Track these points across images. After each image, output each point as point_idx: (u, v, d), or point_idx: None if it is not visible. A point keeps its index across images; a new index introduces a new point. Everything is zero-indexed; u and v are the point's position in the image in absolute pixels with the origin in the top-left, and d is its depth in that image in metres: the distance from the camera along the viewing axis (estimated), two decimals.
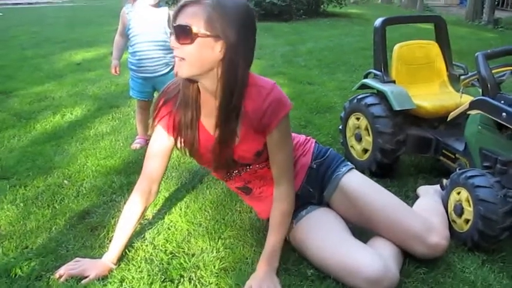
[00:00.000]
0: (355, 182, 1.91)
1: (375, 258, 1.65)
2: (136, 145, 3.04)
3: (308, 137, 2.02)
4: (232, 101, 1.58)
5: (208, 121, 1.69)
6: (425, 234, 1.78)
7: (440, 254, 1.82)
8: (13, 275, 1.75)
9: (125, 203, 2.24)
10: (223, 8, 1.48)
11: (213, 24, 1.47)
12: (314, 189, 1.93)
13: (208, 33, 1.47)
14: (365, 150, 2.65)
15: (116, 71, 3.02)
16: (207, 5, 1.47)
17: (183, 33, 1.47)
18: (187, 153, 1.79)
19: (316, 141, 2.03)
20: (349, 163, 2.00)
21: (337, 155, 2.00)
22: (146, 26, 2.82)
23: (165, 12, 2.86)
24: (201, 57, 1.50)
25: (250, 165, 1.81)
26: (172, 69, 2.95)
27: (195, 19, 1.47)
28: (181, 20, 1.48)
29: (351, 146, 2.77)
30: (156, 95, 3.06)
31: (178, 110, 1.68)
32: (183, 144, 1.74)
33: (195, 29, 1.47)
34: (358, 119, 2.67)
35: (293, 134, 1.98)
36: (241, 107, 1.62)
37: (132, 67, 2.94)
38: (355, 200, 1.87)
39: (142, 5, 2.81)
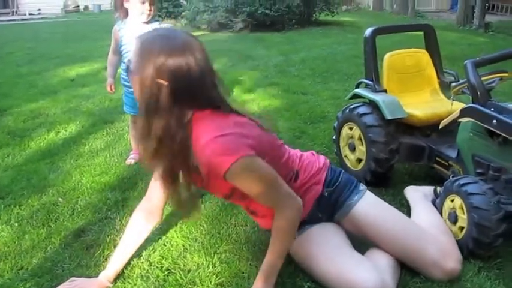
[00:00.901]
0: (368, 212, 1.87)
1: (372, 273, 1.66)
2: (130, 160, 3.04)
3: (324, 162, 1.92)
4: (158, 142, 1.51)
5: None
6: (441, 260, 1.78)
7: (455, 277, 1.82)
8: None
9: (119, 220, 2.27)
10: (148, 46, 1.49)
11: (136, 62, 1.51)
12: (323, 215, 1.90)
13: (133, 70, 1.52)
14: (359, 160, 2.66)
15: (111, 89, 3.03)
16: (144, 40, 1.52)
17: (127, 70, 1.57)
18: None
19: (330, 165, 1.94)
20: (361, 187, 1.93)
21: (349, 180, 1.94)
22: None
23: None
24: (138, 91, 1.52)
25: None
26: None
27: (132, 57, 1.55)
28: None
29: (345, 156, 2.78)
30: None
31: None
32: None
33: (131, 68, 1.53)
34: (351, 128, 2.69)
35: (311, 157, 1.92)
36: (185, 150, 1.55)
37: (125, 83, 2.95)
38: (366, 229, 1.86)
39: (134, 21, 2.82)
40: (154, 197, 1.85)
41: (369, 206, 1.89)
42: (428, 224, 2.01)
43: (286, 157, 1.81)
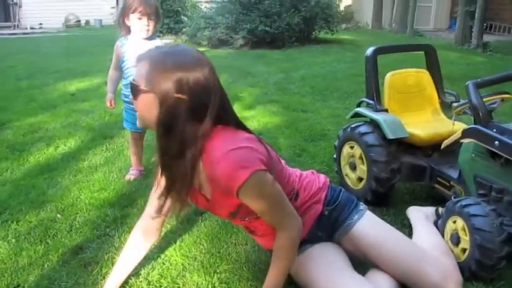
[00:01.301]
0: (368, 232, 1.86)
1: None
2: (130, 176, 3.02)
3: (324, 181, 1.92)
4: (171, 158, 1.52)
5: None
6: (442, 282, 1.77)
7: None
8: None
9: (118, 237, 2.24)
10: (161, 63, 1.47)
11: (149, 79, 1.47)
12: (323, 233, 1.89)
13: (145, 88, 1.48)
14: (360, 179, 2.65)
15: (111, 104, 3.03)
16: (152, 61, 1.50)
17: (132, 92, 1.53)
18: None
19: (330, 183, 1.94)
20: (361, 207, 1.92)
21: (349, 199, 1.93)
22: None
23: (158, 44, 2.88)
24: (146, 112, 1.52)
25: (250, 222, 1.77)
26: None
27: (139, 75, 1.51)
28: (134, 77, 1.53)
29: (346, 175, 2.77)
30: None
31: None
32: None
33: (135, 85, 1.51)
34: (352, 147, 2.68)
35: (310, 175, 1.91)
36: (195, 166, 1.54)
37: (125, 99, 2.95)
38: (366, 249, 1.85)
39: (136, 38, 2.83)
40: (153, 215, 1.82)
41: (369, 226, 1.88)
42: (429, 245, 1.99)
43: (288, 175, 1.80)
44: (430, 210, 2.32)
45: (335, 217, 1.87)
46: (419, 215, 2.30)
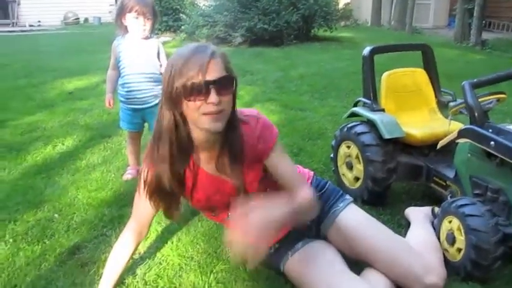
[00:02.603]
0: (352, 220, 1.90)
1: None
2: (128, 176, 3.03)
3: (309, 172, 2.02)
4: (235, 135, 1.59)
5: (210, 166, 1.67)
6: (423, 274, 1.77)
7: None
8: None
9: (115, 237, 2.24)
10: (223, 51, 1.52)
11: (231, 68, 1.51)
12: (311, 222, 1.93)
13: (235, 77, 1.51)
14: (356, 179, 2.66)
15: (109, 104, 3.03)
16: (220, 52, 1.50)
17: (228, 85, 1.47)
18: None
19: (314, 174, 2.03)
20: (347, 197, 1.99)
21: (335, 189, 2.01)
22: (135, 58, 2.84)
23: (155, 44, 2.89)
24: (232, 101, 1.53)
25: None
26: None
27: (227, 67, 1.48)
28: (218, 73, 1.44)
29: (343, 174, 2.78)
30: (146, 125, 3.07)
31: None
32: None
33: (233, 77, 1.49)
34: (348, 147, 2.69)
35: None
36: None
37: (122, 98, 2.95)
38: (351, 238, 1.87)
39: (133, 37, 2.83)
40: (140, 215, 1.82)
41: (354, 215, 1.92)
42: (416, 240, 2.03)
43: None
44: (427, 210, 2.34)
45: (321, 205, 1.91)
46: (418, 214, 2.31)
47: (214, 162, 1.63)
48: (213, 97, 1.42)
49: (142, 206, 1.77)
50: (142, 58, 2.84)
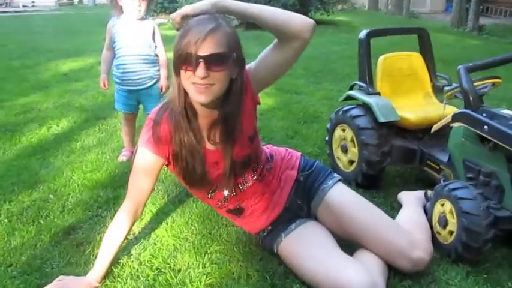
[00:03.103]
0: (341, 197, 1.93)
1: (362, 273, 1.66)
2: (122, 157, 3.03)
3: (296, 153, 2.05)
4: (231, 111, 1.65)
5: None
6: (409, 249, 1.80)
7: (423, 268, 1.84)
8: None
9: (110, 218, 2.25)
10: (232, 28, 1.57)
11: (235, 45, 1.55)
12: (302, 202, 1.96)
13: (236, 55, 1.55)
14: (351, 162, 2.67)
15: (104, 85, 3.02)
16: (227, 29, 1.54)
17: (219, 62, 1.51)
18: (186, 180, 1.81)
19: (302, 154, 2.06)
20: (336, 175, 2.02)
21: (324, 167, 2.03)
22: (130, 39, 2.82)
23: (150, 25, 2.86)
24: (226, 81, 1.58)
25: (246, 180, 1.84)
26: (156, 82, 2.94)
27: (224, 45, 1.51)
28: (212, 49, 1.49)
29: (337, 158, 2.79)
30: (141, 107, 3.06)
31: (174, 136, 1.69)
32: (183, 169, 1.75)
33: (229, 55, 1.53)
34: (343, 130, 2.69)
35: (276, 149, 2.04)
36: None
37: (117, 80, 2.94)
38: (340, 215, 1.89)
39: (128, 18, 2.80)
40: (136, 194, 1.82)
41: (342, 192, 1.96)
42: (405, 220, 2.06)
43: (261, 147, 1.93)
44: (420, 193, 2.36)
45: (310, 183, 1.95)
46: (409, 198, 2.33)
47: (207, 133, 1.70)
48: (200, 71, 1.49)
49: (138, 185, 1.79)
50: (137, 39, 2.82)
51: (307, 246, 1.81)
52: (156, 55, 2.91)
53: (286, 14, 1.63)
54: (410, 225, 2.00)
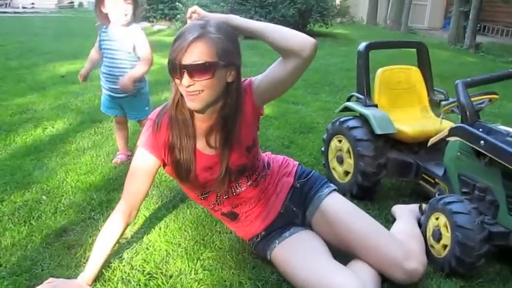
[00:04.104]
0: (336, 205, 1.93)
1: (355, 282, 1.65)
2: (117, 160, 3.01)
3: (294, 161, 2.07)
4: (237, 112, 1.68)
5: (201, 142, 1.74)
6: (403, 260, 1.79)
7: (417, 280, 1.83)
8: None
9: (103, 221, 2.23)
10: (227, 35, 1.57)
11: (223, 52, 1.54)
12: (297, 209, 1.96)
13: (223, 63, 1.55)
14: (346, 173, 2.67)
15: (80, 78, 3.00)
16: (214, 37, 1.53)
17: (202, 71, 1.52)
18: (180, 179, 1.81)
19: (299, 163, 2.07)
20: (331, 185, 2.02)
21: (320, 177, 2.04)
22: (113, 45, 2.77)
23: (133, 35, 2.75)
24: (218, 87, 1.59)
25: (239, 185, 1.85)
26: (139, 92, 2.88)
27: (207, 54, 1.52)
28: (194, 58, 1.51)
29: (333, 168, 2.79)
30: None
31: (171, 136, 1.71)
32: (176, 168, 1.76)
33: (213, 64, 1.52)
34: (340, 141, 2.69)
35: (274, 157, 2.05)
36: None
37: (101, 83, 2.93)
38: (334, 223, 1.88)
39: (114, 27, 2.74)
40: (131, 196, 1.82)
41: (337, 201, 1.96)
42: (399, 231, 2.06)
43: (259, 154, 1.94)
44: (414, 207, 2.36)
45: (306, 190, 1.97)
46: (404, 211, 2.33)
47: (205, 137, 1.72)
48: (184, 80, 1.53)
49: (134, 186, 1.79)
50: (120, 46, 2.76)
51: (300, 254, 1.80)
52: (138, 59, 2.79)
53: (288, 32, 1.65)
54: (404, 236, 2.00)
